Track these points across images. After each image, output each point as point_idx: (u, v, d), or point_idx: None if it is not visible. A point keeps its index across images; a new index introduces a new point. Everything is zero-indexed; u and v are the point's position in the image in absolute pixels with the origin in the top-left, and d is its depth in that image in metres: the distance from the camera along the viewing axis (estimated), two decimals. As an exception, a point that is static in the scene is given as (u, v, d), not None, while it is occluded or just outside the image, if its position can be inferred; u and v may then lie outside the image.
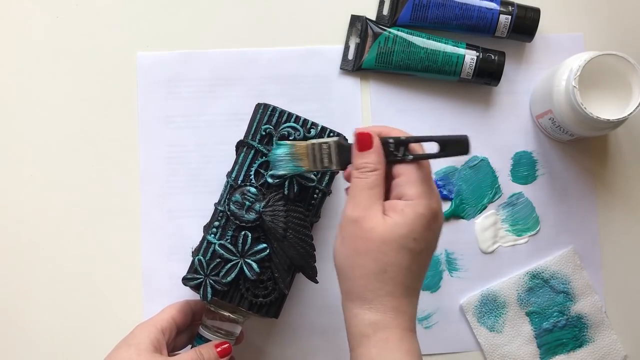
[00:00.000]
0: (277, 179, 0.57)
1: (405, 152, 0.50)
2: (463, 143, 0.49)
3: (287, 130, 0.59)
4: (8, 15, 0.68)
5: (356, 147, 0.50)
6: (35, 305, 0.66)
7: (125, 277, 0.66)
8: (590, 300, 0.67)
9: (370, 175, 0.49)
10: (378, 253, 0.47)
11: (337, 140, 0.53)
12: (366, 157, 0.50)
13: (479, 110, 0.68)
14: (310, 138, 0.59)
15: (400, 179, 0.49)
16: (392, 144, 0.50)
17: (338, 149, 0.53)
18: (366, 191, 0.49)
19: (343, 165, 0.53)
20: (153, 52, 0.68)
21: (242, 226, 0.57)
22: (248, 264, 0.57)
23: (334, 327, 0.66)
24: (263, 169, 0.58)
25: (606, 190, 0.68)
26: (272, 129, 0.59)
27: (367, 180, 0.49)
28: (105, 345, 0.56)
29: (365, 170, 0.49)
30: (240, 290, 0.57)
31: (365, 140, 0.50)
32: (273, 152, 0.56)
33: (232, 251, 0.57)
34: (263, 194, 0.58)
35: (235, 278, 0.57)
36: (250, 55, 0.68)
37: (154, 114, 0.68)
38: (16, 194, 0.67)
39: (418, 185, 0.48)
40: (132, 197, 0.67)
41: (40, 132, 0.68)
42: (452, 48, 0.65)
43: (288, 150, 0.55)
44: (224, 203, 0.58)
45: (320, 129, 0.59)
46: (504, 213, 0.68)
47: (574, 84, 0.58)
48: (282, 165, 0.55)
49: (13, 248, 0.67)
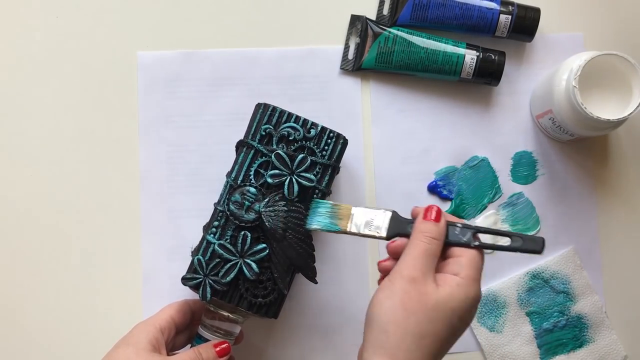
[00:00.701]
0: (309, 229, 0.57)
1: (471, 237, 0.51)
2: (539, 242, 0.50)
3: (287, 131, 0.59)
4: (8, 15, 0.68)
5: (423, 215, 0.51)
6: (35, 306, 0.66)
7: (125, 277, 0.66)
8: (590, 300, 0.67)
9: (433, 242, 0.50)
10: (425, 318, 0.47)
11: (393, 212, 0.54)
12: (432, 225, 0.51)
13: (479, 110, 0.68)
14: (310, 139, 0.59)
15: (459, 259, 0.50)
16: (458, 227, 0.51)
17: (392, 218, 0.54)
18: (427, 257, 0.49)
19: (392, 236, 0.53)
20: (153, 51, 0.68)
21: (241, 226, 0.57)
22: (247, 264, 0.56)
23: (334, 328, 0.66)
24: (263, 169, 0.58)
25: (606, 190, 0.68)
26: (272, 128, 0.59)
27: (429, 246, 0.50)
28: (105, 345, 0.55)
29: (429, 235, 0.50)
30: (240, 290, 0.57)
31: (435, 213, 0.51)
32: (314, 209, 0.57)
33: (231, 251, 0.57)
34: (263, 194, 0.57)
35: (234, 278, 0.57)
36: (251, 55, 0.68)
37: (154, 114, 0.68)
38: (16, 193, 0.67)
39: (475, 270, 0.49)
40: (132, 197, 0.67)
41: (40, 132, 0.67)
42: (452, 48, 0.65)
43: (330, 209, 0.56)
44: (224, 203, 0.58)
45: (320, 129, 0.59)
46: (504, 213, 0.68)
47: (574, 84, 0.58)
48: (318, 220, 0.56)
49: (13, 248, 0.67)
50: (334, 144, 0.59)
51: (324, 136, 0.59)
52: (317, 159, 0.59)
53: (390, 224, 0.54)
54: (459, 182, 0.68)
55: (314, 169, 0.58)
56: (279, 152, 0.57)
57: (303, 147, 0.59)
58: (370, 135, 0.68)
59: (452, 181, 0.68)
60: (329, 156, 0.59)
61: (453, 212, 0.67)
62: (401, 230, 0.53)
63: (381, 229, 0.54)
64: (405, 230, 0.53)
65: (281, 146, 0.58)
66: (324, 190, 0.59)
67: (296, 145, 0.59)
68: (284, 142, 0.58)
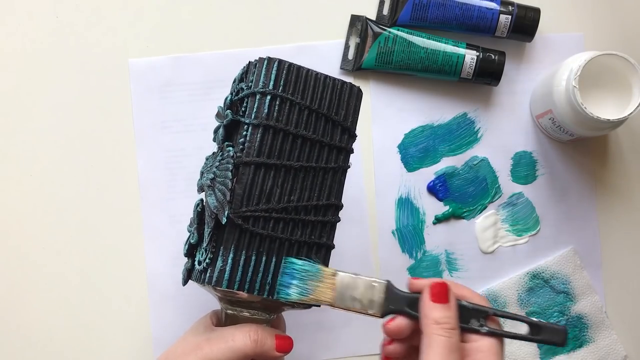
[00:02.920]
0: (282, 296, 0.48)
1: (483, 321, 0.46)
2: (560, 333, 0.46)
3: (234, 86, 0.51)
4: (6, 18, 0.68)
5: (429, 297, 0.45)
6: (39, 315, 0.66)
7: (130, 284, 0.66)
8: (590, 301, 0.67)
9: (453, 333, 0.44)
10: None
11: (387, 283, 0.47)
12: (445, 310, 0.45)
13: (479, 110, 0.68)
14: (242, 79, 0.50)
15: (479, 344, 0.45)
16: (469, 309, 0.46)
17: (387, 293, 0.46)
18: (453, 354, 0.43)
19: (386, 314, 0.47)
20: (145, 57, 0.68)
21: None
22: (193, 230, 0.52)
23: (341, 323, 0.66)
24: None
25: (606, 190, 0.68)
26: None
27: (451, 340, 0.44)
28: (113, 352, 0.55)
29: (448, 327, 0.44)
30: (194, 263, 0.51)
31: (442, 291, 0.45)
32: (285, 269, 0.48)
33: (192, 223, 0.53)
34: (213, 154, 0.52)
35: (189, 249, 0.52)
36: (242, 55, 0.68)
37: (150, 120, 0.67)
38: (16, 201, 0.67)
39: (500, 356, 0.45)
40: (133, 204, 0.67)
41: (35, 146, 0.67)
42: (452, 48, 0.65)
43: (309, 270, 0.47)
44: None
45: (248, 64, 0.51)
46: (504, 213, 0.68)
47: (574, 84, 0.58)
48: (294, 286, 0.47)
49: (14, 255, 0.66)
50: (257, 71, 0.50)
51: (252, 68, 0.51)
52: (241, 94, 0.50)
53: (385, 298, 0.46)
54: (459, 182, 0.68)
55: (242, 105, 0.50)
56: (217, 108, 0.53)
57: (237, 91, 0.51)
58: (370, 135, 0.68)
59: (452, 181, 0.68)
60: (254, 84, 0.49)
61: (453, 212, 0.67)
62: (398, 307, 0.46)
63: (374, 304, 0.46)
64: (402, 308, 0.46)
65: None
66: (251, 122, 0.49)
67: (234, 93, 0.52)
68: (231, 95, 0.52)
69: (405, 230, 0.67)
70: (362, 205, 0.67)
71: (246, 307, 0.51)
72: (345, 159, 0.51)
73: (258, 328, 0.49)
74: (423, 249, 0.67)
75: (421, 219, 0.67)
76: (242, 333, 0.49)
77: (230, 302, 0.51)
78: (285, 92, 0.49)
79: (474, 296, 0.47)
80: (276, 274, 0.48)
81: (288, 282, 0.47)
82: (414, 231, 0.67)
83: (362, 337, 0.66)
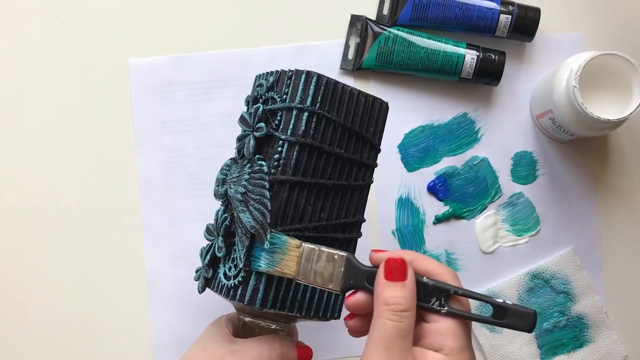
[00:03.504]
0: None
1: (444, 300, 0.42)
2: (528, 317, 0.41)
3: (257, 90, 0.50)
4: (6, 23, 0.68)
5: (383, 274, 0.42)
6: (39, 315, 0.66)
7: (130, 284, 0.66)
8: (590, 301, 0.67)
9: (404, 316, 0.40)
10: None
11: (347, 256, 0.44)
12: (399, 290, 0.41)
13: (479, 110, 0.68)
14: (271, 88, 0.50)
15: (438, 325, 0.42)
16: (430, 287, 0.42)
17: (347, 267, 0.43)
18: (400, 340, 0.40)
19: (346, 289, 0.44)
20: (145, 57, 0.68)
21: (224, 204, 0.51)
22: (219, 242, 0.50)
23: (341, 323, 0.65)
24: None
25: (606, 190, 0.68)
26: (249, 95, 0.51)
27: (400, 324, 0.40)
28: (113, 352, 0.55)
29: (398, 308, 0.41)
30: (219, 276, 0.50)
31: (399, 268, 0.42)
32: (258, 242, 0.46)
33: (211, 231, 0.52)
34: (237, 163, 0.50)
35: (211, 260, 0.51)
36: (242, 55, 0.68)
37: (150, 120, 0.67)
38: (17, 201, 0.67)
39: (461, 337, 0.41)
40: (133, 203, 0.67)
41: (37, 138, 0.67)
42: (453, 48, 0.65)
43: (275, 243, 0.45)
44: None
45: (280, 73, 0.50)
46: (504, 213, 0.68)
47: (574, 84, 0.58)
48: (263, 257, 0.45)
49: (14, 255, 0.66)
50: (293, 84, 0.48)
51: (284, 78, 0.49)
52: (274, 105, 0.49)
53: (345, 272, 0.43)
54: (459, 182, 0.68)
55: (274, 117, 0.49)
56: (242, 114, 0.51)
57: (267, 100, 0.50)
58: (371, 136, 0.67)
59: (452, 181, 0.68)
60: (290, 98, 0.48)
61: (453, 212, 0.67)
62: (357, 282, 0.43)
63: (333, 278, 0.43)
64: (362, 283, 0.43)
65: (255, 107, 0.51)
66: (288, 138, 0.47)
67: (261, 100, 0.50)
68: (259, 102, 0.51)
69: (406, 230, 0.67)
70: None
71: (266, 318, 0.50)
72: (370, 175, 0.51)
73: (282, 340, 0.49)
74: (423, 249, 0.67)
75: (421, 219, 0.67)
76: (267, 346, 0.48)
77: (252, 314, 0.50)
78: (322, 109, 0.48)
79: (440, 271, 0.43)
80: (305, 291, 0.48)
81: (259, 254, 0.46)
82: (414, 231, 0.67)
83: (362, 337, 0.66)
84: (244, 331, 0.51)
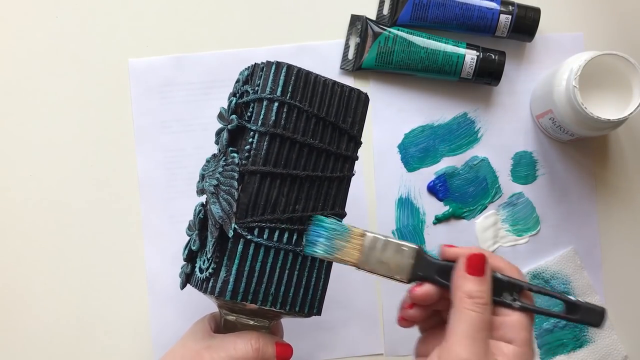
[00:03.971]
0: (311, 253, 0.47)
1: (517, 295, 0.44)
2: (599, 314, 0.43)
3: (235, 86, 0.50)
4: (5, 23, 0.68)
5: (465, 269, 0.44)
6: (39, 315, 0.66)
7: (130, 284, 0.66)
8: (590, 301, 0.66)
9: (485, 309, 0.43)
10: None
11: (418, 249, 0.45)
12: (480, 284, 0.43)
13: (479, 110, 0.68)
14: (246, 82, 0.49)
15: (511, 318, 0.44)
16: (504, 282, 0.44)
17: (417, 259, 0.45)
18: (483, 331, 0.42)
19: (413, 280, 0.45)
20: (145, 57, 0.68)
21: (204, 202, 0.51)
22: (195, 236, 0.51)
23: (341, 323, 0.66)
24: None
25: (606, 190, 0.68)
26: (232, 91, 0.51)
27: (482, 316, 0.42)
28: (113, 352, 0.55)
29: (481, 301, 0.43)
30: (195, 270, 0.50)
31: (479, 264, 0.44)
32: (315, 226, 0.47)
33: (192, 227, 0.52)
34: (215, 157, 0.50)
35: (189, 254, 0.51)
36: (242, 55, 0.68)
37: (149, 120, 0.67)
38: (16, 200, 0.67)
39: (530, 331, 0.44)
40: (133, 203, 0.67)
41: (37, 138, 0.67)
42: (453, 48, 0.65)
43: (337, 229, 0.46)
44: None
45: (253, 66, 0.49)
46: (504, 213, 0.68)
47: (574, 84, 0.58)
48: (320, 243, 0.46)
49: (14, 255, 0.66)
50: (264, 75, 0.48)
51: (257, 71, 0.49)
52: (246, 98, 0.48)
53: (414, 264, 0.45)
54: (459, 182, 0.68)
55: (247, 110, 0.49)
56: (220, 109, 0.51)
57: (242, 94, 0.50)
58: (371, 136, 0.68)
59: (453, 181, 0.68)
60: (260, 89, 0.48)
61: (453, 212, 0.67)
62: (426, 274, 0.45)
63: (401, 269, 0.45)
64: (432, 275, 0.45)
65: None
66: (258, 128, 0.47)
67: (237, 95, 0.50)
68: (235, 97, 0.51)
69: (406, 230, 0.67)
70: (362, 205, 0.67)
71: (246, 314, 0.50)
72: (350, 167, 0.51)
73: (259, 336, 0.49)
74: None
75: (421, 219, 0.67)
76: (243, 341, 0.48)
77: (231, 310, 0.50)
78: (293, 99, 0.47)
79: (509, 268, 0.46)
80: (279, 284, 0.48)
81: (315, 239, 0.46)
82: (414, 231, 0.67)
83: (362, 337, 0.66)
84: (226, 328, 0.51)
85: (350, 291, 0.66)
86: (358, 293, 0.66)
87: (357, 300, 0.66)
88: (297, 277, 0.48)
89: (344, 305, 0.66)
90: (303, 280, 0.48)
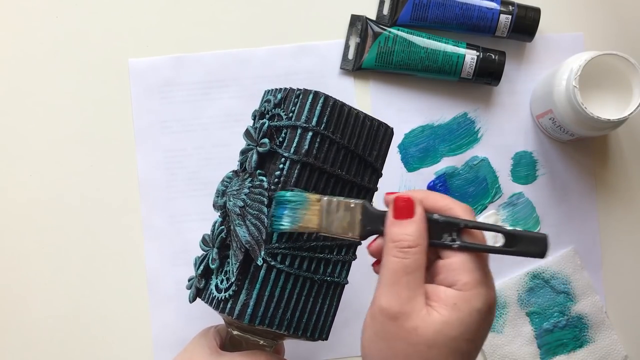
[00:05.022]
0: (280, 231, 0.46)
1: (456, 234, 0.41)
2: (540, 242, 0.40)
3: (264, 105, 0.51)
4: (6, 24, 0.68)
5: (392, 214, 0.42)
6: (39, 315, 0.66)
7: (130, 284, 0.66)
8: (590, 301, 0.67)
9: (410, 253, 0.40)
10: (422, 359, 0.39)
11: (362, 203, 0.44)
12: (405, 227, 0.41)
13: (479, 110, 0.68)
14: (278, 104, 0.50)
15: (451, 260, 0.41)
16: (440, 223, 0.41)
17: (363, 213, 0.44)
18: (405, 277, 0.40)
19: (365, 235, 0.44)
20: (145, 57, 0.68)
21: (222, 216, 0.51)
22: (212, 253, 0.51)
23: (341, 323, 0.66)
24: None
25: (606, 190, 0.68)
26: (257, 110, 0.52)
27: (406, 261, 0.40)
28: (113, 352, 0.55)
29: (403, 245, 0.40)
30: (210, 287, 0.50)
31: (406, 206, 0.41)
32: (277, 204, 0.46)
33: (207, 242, 0.52)
34: (238, 175, 0.50)
35: (204, 270, 0.51)
36: (242, 55, 0.68)
37: (150, 120, 0.67)
38: (16, 200, 0.67)
39: (475, 271, 0.40)
40: (133, 203, 0.67)
41: (37, 138, 0.67)
42: (453, 48, 0.65)
43: (295, 198, 0.45)
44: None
45: (288, 91, 0.50)
46: (504, 213, 0.68)
47: (574, 84, 0.58)
48: (285, 216, 0.45)
49: (14, 255, 0.66)
50: (300, 103, 0.48)
51: (292, 96, 0.49)
52: (279, 122, 0.49)
53: (362, 219, 0.44)
54: (459, 182, 0.68)
55: (279, 134, 0.49)
56: (247, 128, 0.51)
57: (273, 116, 0.50)
58: (371, 135, 0.67)
59: (452, 181, 0.68)
60: (295, 116, 0.48)
61: (453, 212, 0.67)
62: (374, 227, 0.43)
63: (352, 226, 0.44)
64: (378, 227, 0.43)
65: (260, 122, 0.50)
66: (290, 156, 0.47)
67: (267, 116, 0.50)
68: (265, 118, 0.51)
69: (406, 230, 0.67)
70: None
71: (256, 334, 0.50)
72: (370, 199, 0.51)
73: (268, 357, 0.48)
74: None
75: (421, 219, 0.67)
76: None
77: (241, 328, 0.50)
78: (327, 130, 0.47)
79: (454, 206, 0.42)
80: (295, 309, 0.48)
81: (281, 213, 0.46)
82: (414, 231, 0.67)
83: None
84: (232, 344, 0.51)
85: (350, 291, 0.66)
86: (358, 293, 0.66)
87: (357, 300, 0.66)
88: (312, 303, 0.49)
89: (344, 305, 0.66)
90: (317, 307, 0.49)
